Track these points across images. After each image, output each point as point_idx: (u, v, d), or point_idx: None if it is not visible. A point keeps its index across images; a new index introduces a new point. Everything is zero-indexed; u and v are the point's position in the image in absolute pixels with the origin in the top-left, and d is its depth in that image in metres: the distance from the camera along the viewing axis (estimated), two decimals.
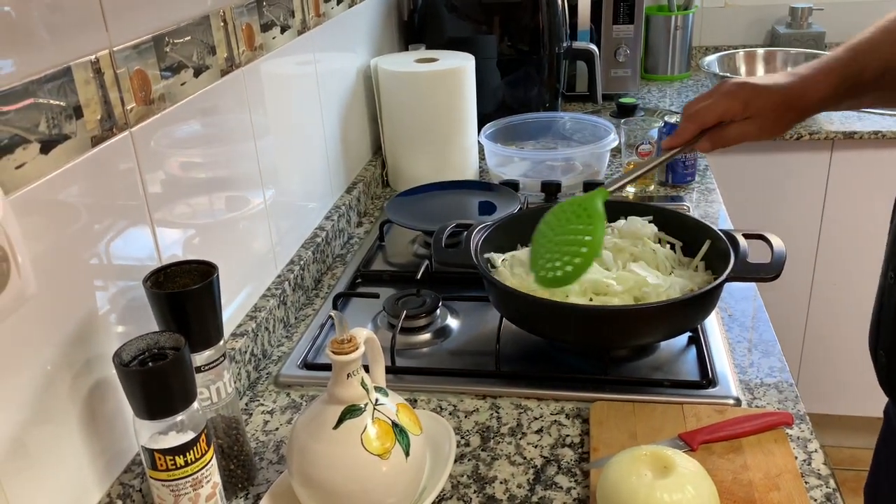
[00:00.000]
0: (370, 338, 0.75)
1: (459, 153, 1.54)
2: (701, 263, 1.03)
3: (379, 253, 1.34)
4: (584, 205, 0.92)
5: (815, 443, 0.84)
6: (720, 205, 1.45)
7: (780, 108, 0.90)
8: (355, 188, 1.47)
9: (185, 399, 0.67)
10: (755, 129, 0.91)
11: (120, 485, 0.74)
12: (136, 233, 0.78)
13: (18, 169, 0.61)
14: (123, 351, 0.66)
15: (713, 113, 0.91)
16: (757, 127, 0.91)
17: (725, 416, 0.85)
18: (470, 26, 1.77)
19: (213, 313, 0.73)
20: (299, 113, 1.22)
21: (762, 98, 0.90)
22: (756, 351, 1.00)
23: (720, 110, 0.91)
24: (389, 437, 0.71)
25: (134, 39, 0.76)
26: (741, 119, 0.91)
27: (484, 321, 1.09)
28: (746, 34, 2.35)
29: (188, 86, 0.87)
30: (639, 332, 0.94)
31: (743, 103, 0.90)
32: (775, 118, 0.91)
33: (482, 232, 1.07)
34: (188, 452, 0.67)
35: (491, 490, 0.80)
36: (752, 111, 0.90)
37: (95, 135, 0.70)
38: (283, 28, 1.14)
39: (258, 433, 0.91)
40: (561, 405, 0.92)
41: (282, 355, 1.05)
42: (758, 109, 0.90)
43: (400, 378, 0.98)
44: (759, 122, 0.91)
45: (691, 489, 0.67)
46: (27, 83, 0.61)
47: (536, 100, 1.83)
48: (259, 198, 1.07)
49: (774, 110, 0.90)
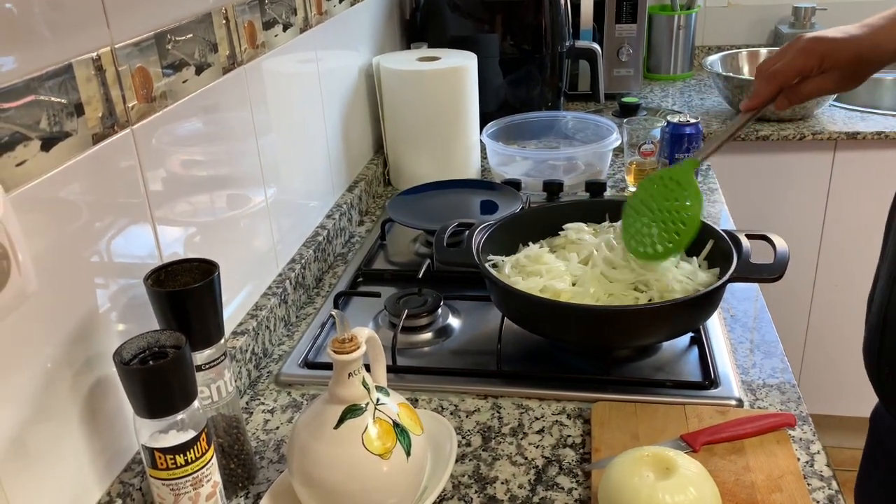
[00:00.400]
0: (371, 337, 0.75)
1: (461, 152, 1.54)
2: (704, 263, 1.03)
3: (380, 252, 1.33)
4: (675, 177, 0.93)
5: (817, 444, 0.84)
6: (722, 205, 1.44)
7: (855, 60, 0.90)
8: (357, 187, 1.46)
9: (186, 398, 0.67)
10: (832, 82, 0.92)
11: (120, 483, 0.74)
12: (136, 231, 0.78)
13: (19, 166, 0.60)
14: (124, 349, 0.65)
15: (792, 70, 0.92)
16: (834, 81, 0.92)
17: (727, 417, 0.85)
18: (472, 25, 1.77)
19: (214, 312, 0.73)
20: (301, 111, 1.22)
21: (838, 52, 0.90)
22: (758, 352, 1.00)
23: (798, 67, 0.91)
24: (390, 436, 0.71)
25: (136, 37, 0.76)
26: (817, 74, 0.92)
27: (485, 321, 1.09)
28: (749, 34, 2.35)
29: (190, 83, 0.87)
30: (641, 333, 0.93)
31: (819, 58, 0.90)
32: (852, 70, 0.91)
33: (484, 231, 1.07)
34: (188, 451, 0.67)
35: (492, 490, 0.80)
36: (828, 65, 0.91)
37: (97, 132, 0.70)
38: (285, 26, 1.13)
39: (258, 432, 0.90)
40: (562, 405, 0.92)
41: (283, 354, 1.05)
42: (834, 63, 0.91)
43: (401, 377, 0.98)
44: (836, 76, 0.91)
45: (693, 491, 0.67)
46: (28, 80, 0.61)
47: (539, 99, 1.83)
48: (260, 196, 1.07)
49: (850, 63, 0.91)
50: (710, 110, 1.99)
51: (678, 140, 1.47)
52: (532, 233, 1.12)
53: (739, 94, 1.87)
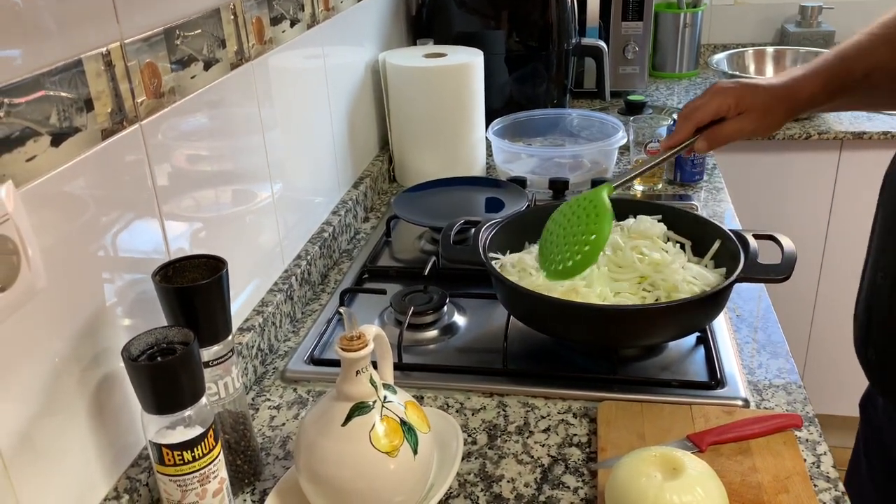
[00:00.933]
0: (379, 335, 0.75)
1: (467, 149, 1.54)
2: (710, 263, 1.02)
3: (385, 248, 1.33)
4: (591, 199, 0.95)
5: (823, 445, 0.84)
6: (728, 204, 1.44)
7: (771, 103, 0.95)
8: (362, 183, 1.46)
9: (194, 394, 0.67)
10: (749, 124, 0.95)
11: (127, 479, 0.74)
12: (144, 226, 0.78)
13: (29, 161, 0.60)
14: (132, 345, 0.65)
15: (707, 110, 0.95)
16: (751, 122, 0.95)
17: (734, 417, 0.85)
18: (478, 21, 1.76)
19: (222, 308, 0.73)
20: (307, 107, 1.22)
21: (754, 94, 0.94)
22: (764, 352, 1.00)
23: (714, 107, 0.95)
24: (398, 434, 0.71)
25: (145, 32, 0.76)
26: (734, 115, 0.95)
27: (491, 318, 1.08)
28: (755, 32, 2.34)
29: (198, 79, 0.86)
30: (647, 332, 0.93)
31: (735, 99, 0.94)
32: (767, 113, 0.95)
33: (490, 229, 1.07)
34: (196, 447, 0.67)
35: (498, 489, 0.80)
36: (744, 107, 0.94)
37: (106, 128, 0.70)
38: (292, 21, 1.13)
39: (264, 428, 0.90)
40: (568, 404, 0.92)
41: (288, 350, 1.05)
42: (750, 105, 0.94)
43: (407, 375, 0.98)
44: (751, 118, 0.94)
45: (701, 491, 0.67)
46: (38, 75, 0.61)
47: (544, 96, 1.82)
48: (267, 192, 1.06)
49: (765, 106, 0.94)
50: None
51: None
52: (539, 230, 1.12)
53: None
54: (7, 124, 0.58)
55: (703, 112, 0.95)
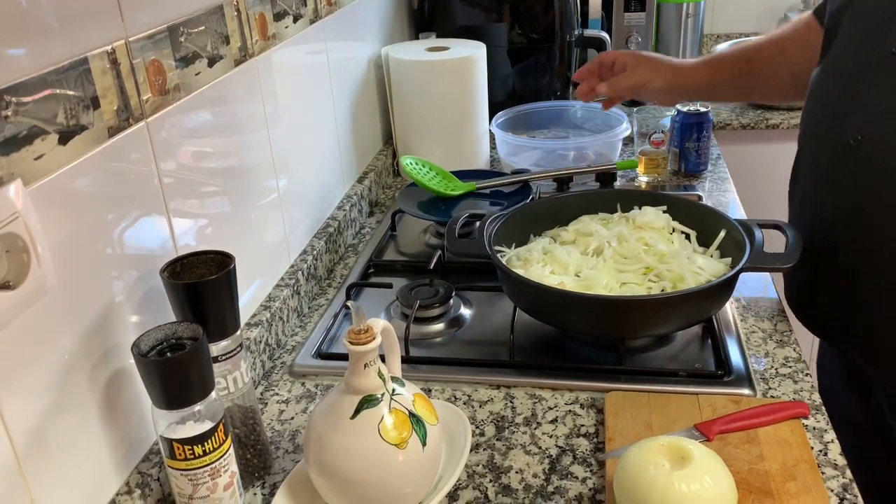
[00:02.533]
0: (386, 328, 0.75)
1: (470, 142, 1.54)
2: (716, 253, 1.03)
3: (391, 243, 1.34)
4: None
5: (831, 433, 0.84)
6: (733, 194, 1.44)
7: (661, 64, 1.23)
8: (366, 178, 1.47)
9: (204, 389, 0.67)
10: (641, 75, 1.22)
11: (138, 474, 0.74)
12: (152, 223, 0.78)
13: (37, 160, 0.61)
14: (142, 341, 0.66)
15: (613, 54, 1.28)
16: (641, 74, 1.22)
17: (741, 406, 0.85)
18: (481, 14, 1.76)
19: (231, 303, 0.73)
20: (311, 102, 1.22)
21: (650, 56, 1.26)
22: (770, 341, 1.00)
23: (617, 54, 1.27)
24: (406, 426, 0.71)
25: (149, 30, 0.76)
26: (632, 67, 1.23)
27: (497, 311, 1.09)
28: (758, 22, 2.34)
29: (202, 76, 0.87)
30: (654, 323, 0.93)
31: (635, 56, 1.25)
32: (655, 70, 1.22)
33: (496, 222, 1.07)
34: (206, 442, 0.67)
35: (507, 479, 0.80)
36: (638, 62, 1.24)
37: (112, 125, 0.70)
38: (295, 17, 1.13)
39: (273, 422, 0.91)
40: (575, 395, 0.92)
41: (296, 345, 1.05)
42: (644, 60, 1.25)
43: (414, 368, 0.98)
44: (641, 70, 1.22)
45: (709, 479, 0.67)
46: (45, 74, 0.61)
47: (547, 88, 1.82)
48: (272, 187, 1.07)
49: (655, 64, 1.23)
50: None
51: (688, 129, 1.47)
52: (543, 223, 1.12)
53: None
54: (15, 123, 0.58)
55: (609, 54, 1.27)
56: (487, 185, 1.35)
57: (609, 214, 1.11)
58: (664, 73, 1.21)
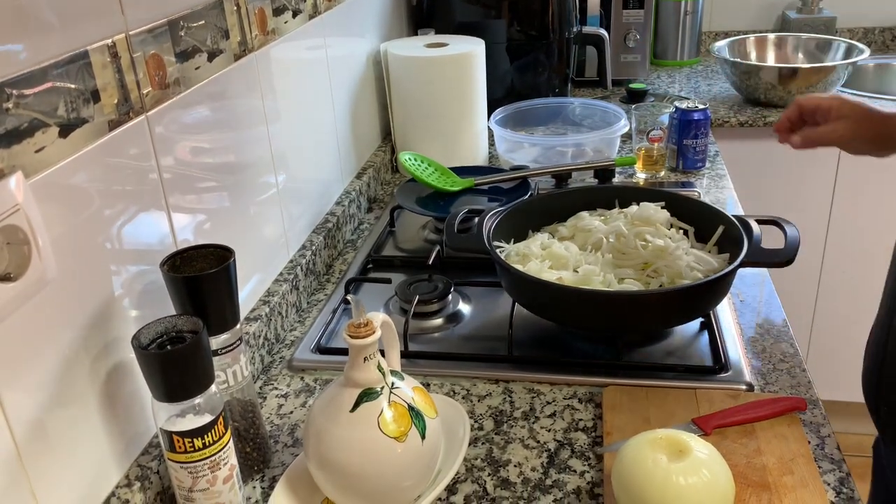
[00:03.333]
0: (386, 322, 0.75)
1: (469, 139, 1.54)
2: (714, 248, 1.03)
3: (389, 238, 1.34)
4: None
5: (828, 427, 0.84)
6: (730, 190, 1.44)
7: (865, 114, 1.00)
8: (365, 174, 1.47)
9: (203, 382, 0.67)
10: (839, 127, 1.00)
11: (138, 466, 0.75)
12: (151, 217, 0.78)
13: (38, 153, 0.61)
14: (142, 334, 0.66)
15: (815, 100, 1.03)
16: (841, 126, 1.00)
17: (738, 401, 0.85)
18: (479, 11, 1.76)
19: (230, 297, 0.73)
20: (310, 98, 1.22)
21: (854, 105, 1.01)
22: (768, 336, 1.00)
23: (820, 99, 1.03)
24: (405, 420, 0.72)
25: (149, 23, 0.76)
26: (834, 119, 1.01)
27: (496, 306, 1.09)
28: (757, 19, 2.34)
29: (202, 70, 0.87)
30: (652, 318, 0.94)
31: (839, 102, 1.01)
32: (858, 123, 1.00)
33: (494, 218, 1.07)
34: (206, 435, 0.68)
35: (505, 473, 0.81)
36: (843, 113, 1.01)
37: (112, 119, 0.70)
38: (294, 12, 1.13)
39: (273, 416, 0.91)
40: (573, 390, 0.93)
41: (295, 339, 1.05)
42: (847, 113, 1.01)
43: (413, 362, 0.98)
44: (844, 123, 1.00)
45: (707, 473, 0.68)
46: (46, 67, 0.62)
47: (546, 85, 1.82)
48: (271, 182, 1.07)
49: (859, 115, 1.00)
50: (717, 96, 1.99)
51: (687, 126, 1.48)
52: (541, 219, 1.13)
53: (747, 80, 1.87)
54: (16, 115, 0.58)
55: (811, 100, 1.03)
56: (486, 181, 1.36)
57: (607, 210, 1.11)
58: (872, 125, 1.01)
